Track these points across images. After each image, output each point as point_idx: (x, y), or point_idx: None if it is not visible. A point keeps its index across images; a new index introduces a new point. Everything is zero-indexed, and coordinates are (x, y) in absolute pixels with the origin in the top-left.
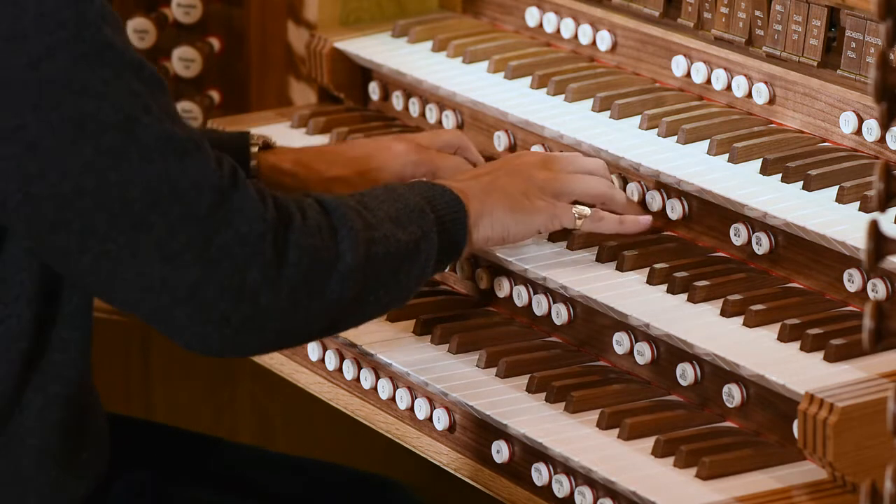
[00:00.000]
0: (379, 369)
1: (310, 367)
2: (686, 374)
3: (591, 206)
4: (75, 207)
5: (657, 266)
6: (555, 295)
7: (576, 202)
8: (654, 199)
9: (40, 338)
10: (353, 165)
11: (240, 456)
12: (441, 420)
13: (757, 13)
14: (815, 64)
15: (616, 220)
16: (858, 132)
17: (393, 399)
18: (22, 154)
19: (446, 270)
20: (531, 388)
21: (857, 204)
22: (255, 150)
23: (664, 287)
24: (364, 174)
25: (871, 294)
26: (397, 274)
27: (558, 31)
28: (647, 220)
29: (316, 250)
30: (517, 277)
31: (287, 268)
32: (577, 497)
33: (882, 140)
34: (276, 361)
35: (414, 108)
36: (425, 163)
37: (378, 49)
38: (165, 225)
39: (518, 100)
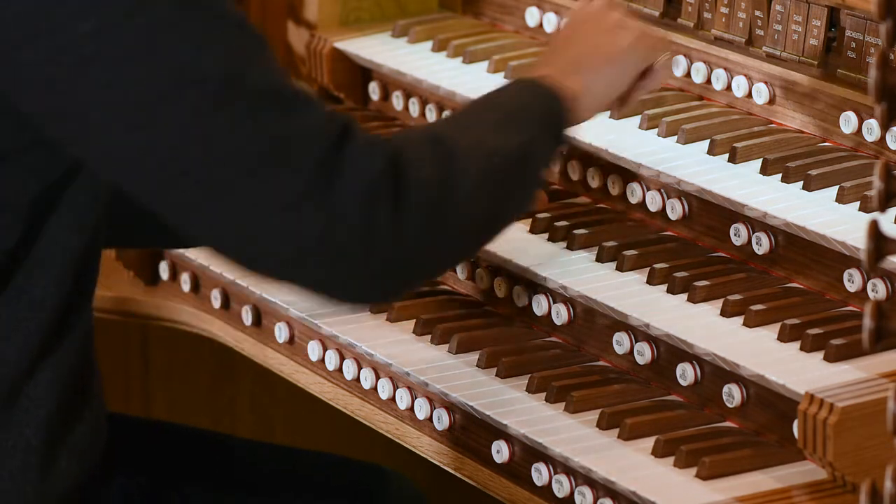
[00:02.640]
0: (379, 369)
1: (310, 367)
2: (686, 374)
3: None
4: (184, 158)
5: (657, 266)
6: (555, 295)
7: None
8: (654, 199)
9: (61, 307)
10: None
11: (236, 448)
12: (441, 420)
13: (757, 13)
14: (815, 64)
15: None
16: (858, 132)
17: (393, 399)
18: (125, 107)
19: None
20: (531, 388)
21: (857, 204)
22: None
23: (664, 287)
24: None
25: (871, 294)
26: (520, 176)
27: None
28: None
29: (434, 182)
30: (517, 277)
31: (411, 204)
32: (577, 497)
33: (882, 140)
34: (276, 362)
35: (414, 107)
36: None
37: (378, 49)
38: (280, 174)
39: None
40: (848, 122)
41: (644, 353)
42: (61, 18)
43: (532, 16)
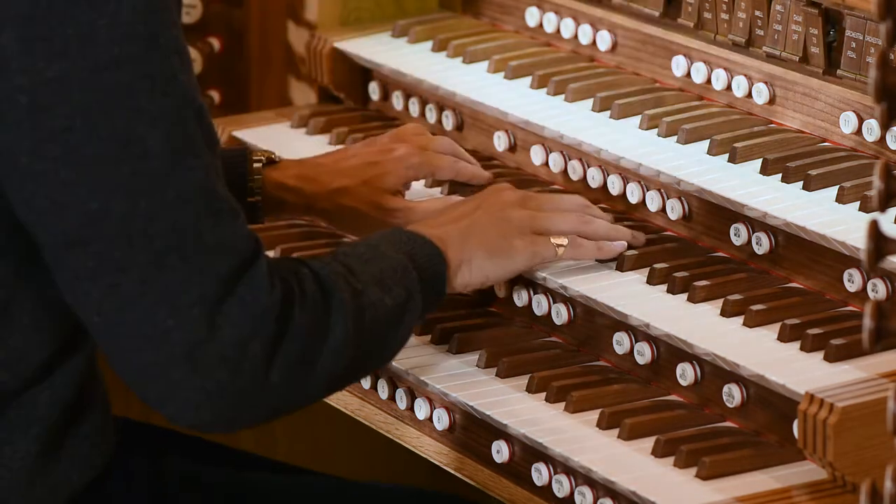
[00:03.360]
0: (378, 369)
1: None
2: (686, 374)
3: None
4: (97, 227)
5: (657, 266)
6: (555, 295)
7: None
8: (654, 199)
9: (60, 324)
10: (357, 174)
11: (241, 461)
12: (441, 420)
13: (757, 13)
14: (816, 64)
15: (594, 247)
16: (858, 132)
17: (393, 399)
18: (61, 157)
19: None
20: (531, 388)
21: (857, 204)
22: (258, 165)
23: (664, 287)
24: (369, 182)
25: (871, 294)
26: (386, 337)
27: (558, 31)
28: (621, 245)
29: (310, 325)
30: (517, 278)
31: (286, 343)
32: (577, 497)
33: (882, 140)
34: None
35: (414, 108)
36: (426, 165)
37: (378, 49)
38: (182, 272)
39: (518, 100)
40: (848, 122)
41: (644, 353)
42: (26, 60)
43: (532, 16)
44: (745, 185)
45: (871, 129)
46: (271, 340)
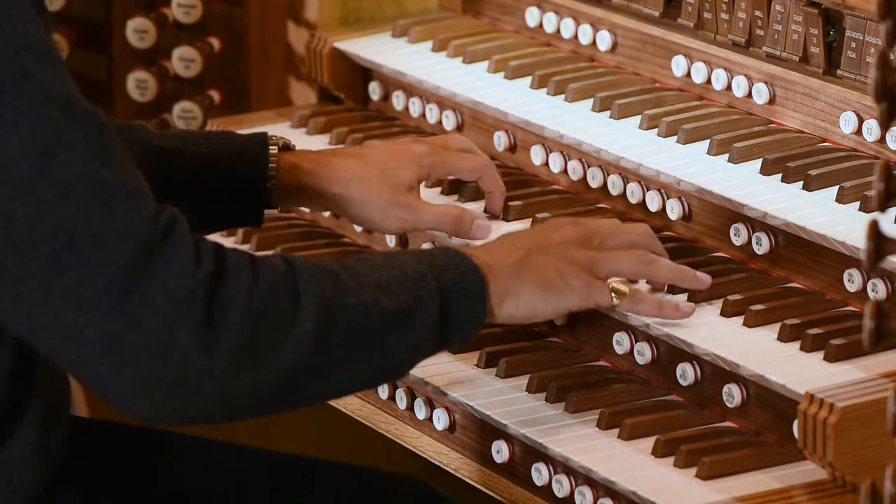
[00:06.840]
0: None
1: None
2: (686, 374)
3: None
4: None
5: None
6: None
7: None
8: (654, 199)
9: None
10: (373, 165)
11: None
12: (441, 420)
13: (757, 13)
14: (816, 64)
15: (656, 305)
16: (858, 132)
17: (392, 399)
18: None
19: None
20: (531, 388)
21: (857, 204)
22: (274, 150)
23: (664, 287)
24: (383, 174)
25: (871, 294)
26: (381, 343)
27: (558, 31)
28: (688, 308)
29: (264, 313)
30: None
31: (226, 329)
32: (577, 497)
33: (882, 140)
34: None
35: (414, 108)
36: (441, 164)
37: (378, 49)
38: (80, 270)
39: (518, 100)
40: (848, 122)
41: (644, 353)
42: None
43: (532, 16)
44: (745, 185)
45: (871, 129)
46: (203, 326)
